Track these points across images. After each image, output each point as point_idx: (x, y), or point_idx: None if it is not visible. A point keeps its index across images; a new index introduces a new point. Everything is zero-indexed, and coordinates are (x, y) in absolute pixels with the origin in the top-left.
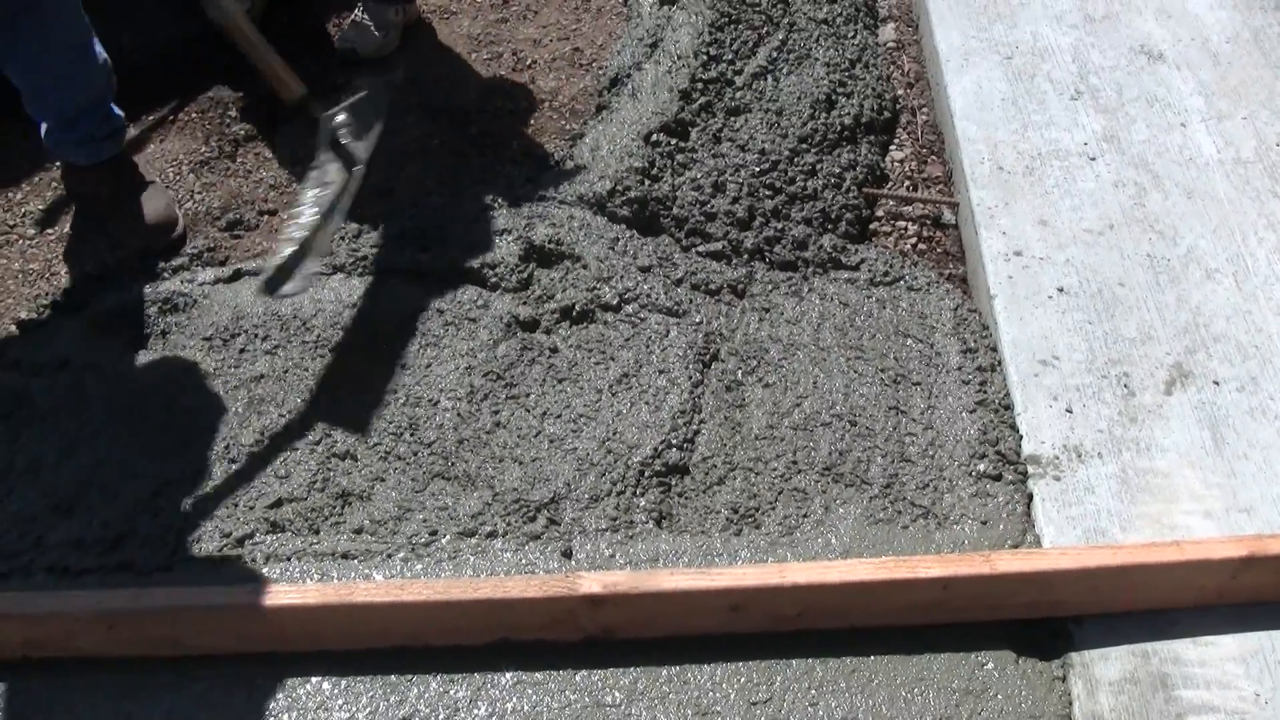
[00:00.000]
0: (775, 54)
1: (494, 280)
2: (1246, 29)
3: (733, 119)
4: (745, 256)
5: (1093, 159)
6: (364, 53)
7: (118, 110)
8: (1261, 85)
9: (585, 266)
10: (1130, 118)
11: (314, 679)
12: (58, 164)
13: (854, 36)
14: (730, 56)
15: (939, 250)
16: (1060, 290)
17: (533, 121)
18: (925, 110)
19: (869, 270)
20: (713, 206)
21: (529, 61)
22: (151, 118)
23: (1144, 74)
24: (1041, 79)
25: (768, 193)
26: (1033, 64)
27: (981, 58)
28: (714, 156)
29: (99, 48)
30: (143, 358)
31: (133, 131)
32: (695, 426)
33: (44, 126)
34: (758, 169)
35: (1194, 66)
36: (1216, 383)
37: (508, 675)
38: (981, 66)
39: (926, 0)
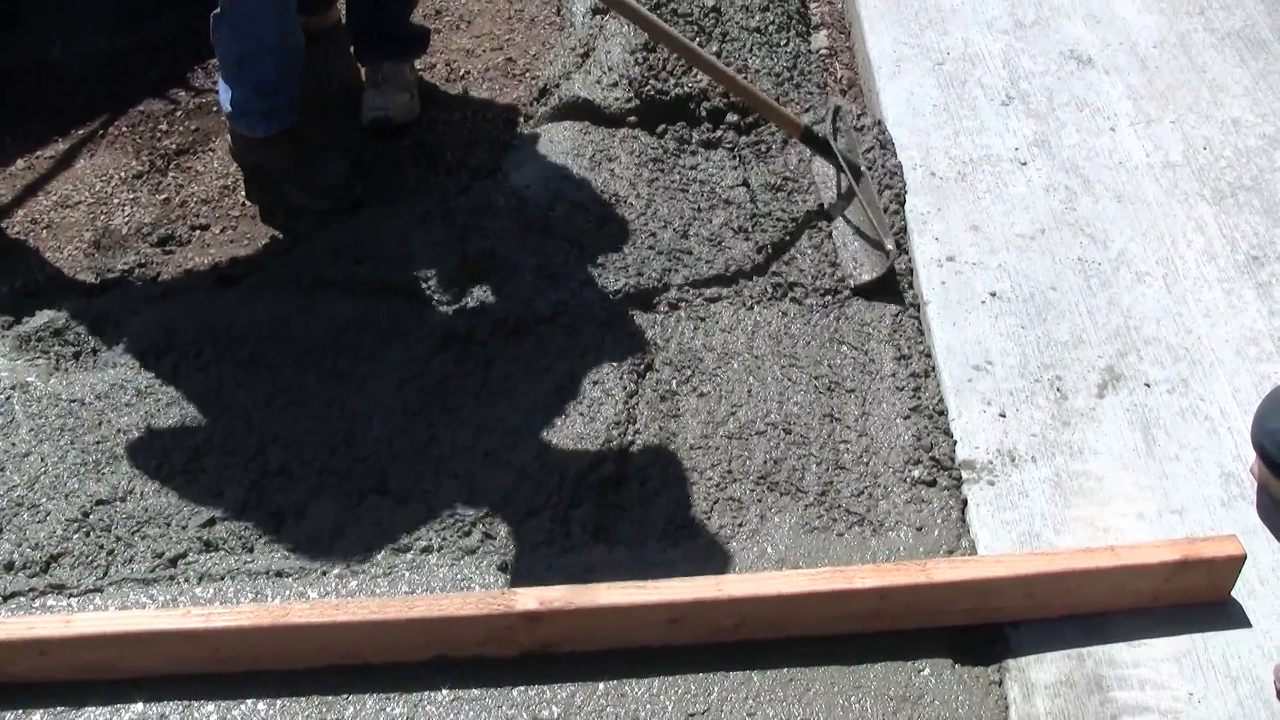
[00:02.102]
0: None
1: (428, 293)
2: (1173, 33)
3: None
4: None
5: (1024, 164)
6: (398, 119)
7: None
8: (1189, 89)
9: (519, 279)
10: (1060, 122)
11: (249, 700)
12: None
13: (787, 44)
14: (663, 66)
15: None
16: (993, 295)
17: (467, 132)
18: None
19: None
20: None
21: (462, 72)
22: (81, 131)
23: (1074, 79)
24: (973, 85)
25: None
26: (964, 70)
27: (913, 64)
28: None
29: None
30: (73, 376)
31: (61, 145)
32: (630, 437)
33: (228, 98)
34: None
35: (1123, 71)
36: (1148, 385)
37: (444, 692)
38: (913, 73)
39: (858, 7)
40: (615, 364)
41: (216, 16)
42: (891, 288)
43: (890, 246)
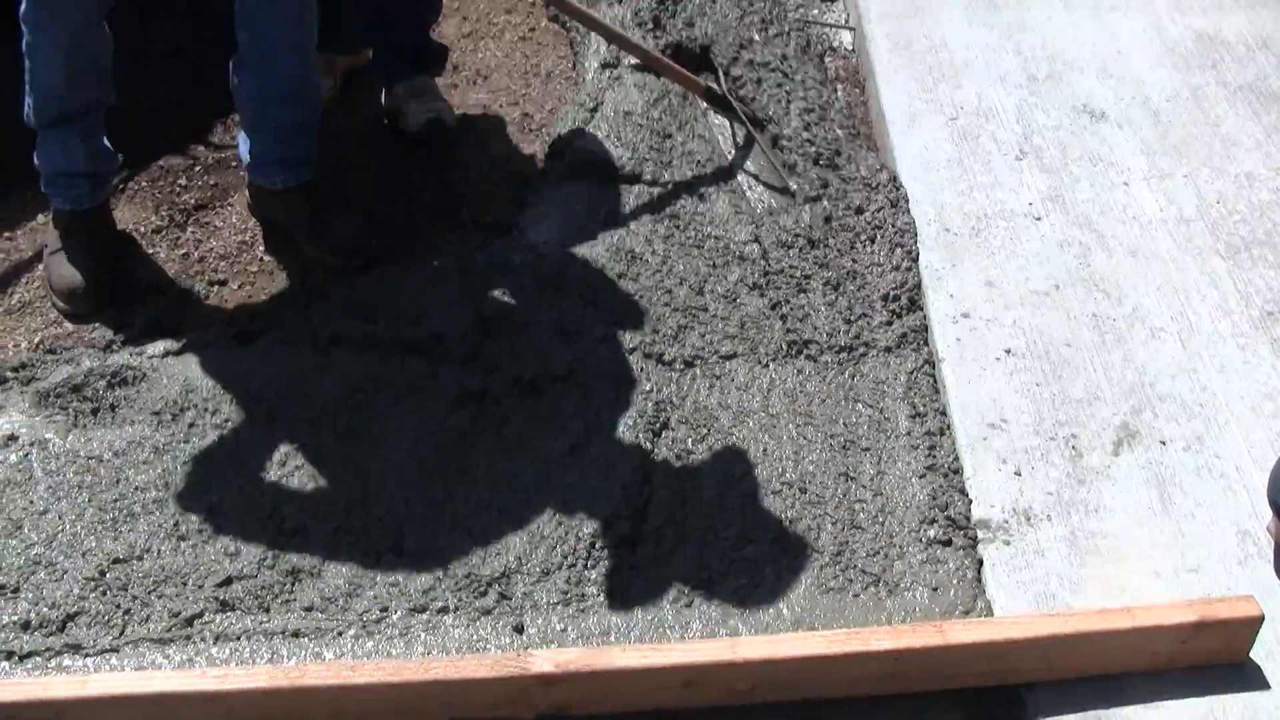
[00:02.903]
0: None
1: (443, 351)
2: (1186, 87)
3: None
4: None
5: (1038, 219)
6: (449, 121)
7: None
8: (1201, 143)
9: (535, 336)
10: (1074, 177)
11: None
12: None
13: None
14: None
15: None
16: (1008, 352)
17: (483, 188)
18: None
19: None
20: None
21: (479, 128)
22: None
23: (1087, 133)
24: (986, 139)
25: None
26: (977, 124)
27: (927, 119)
28: None
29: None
30: (91, 432)
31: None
32: (646, 497)
33: (247, 148)
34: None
35: (1136, 125)
36: (1163, 442)
37: None
38: (927, 128)
39: (872, 62)
40: (631, 422)
41: (235, 62)
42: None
43: (793, 187)
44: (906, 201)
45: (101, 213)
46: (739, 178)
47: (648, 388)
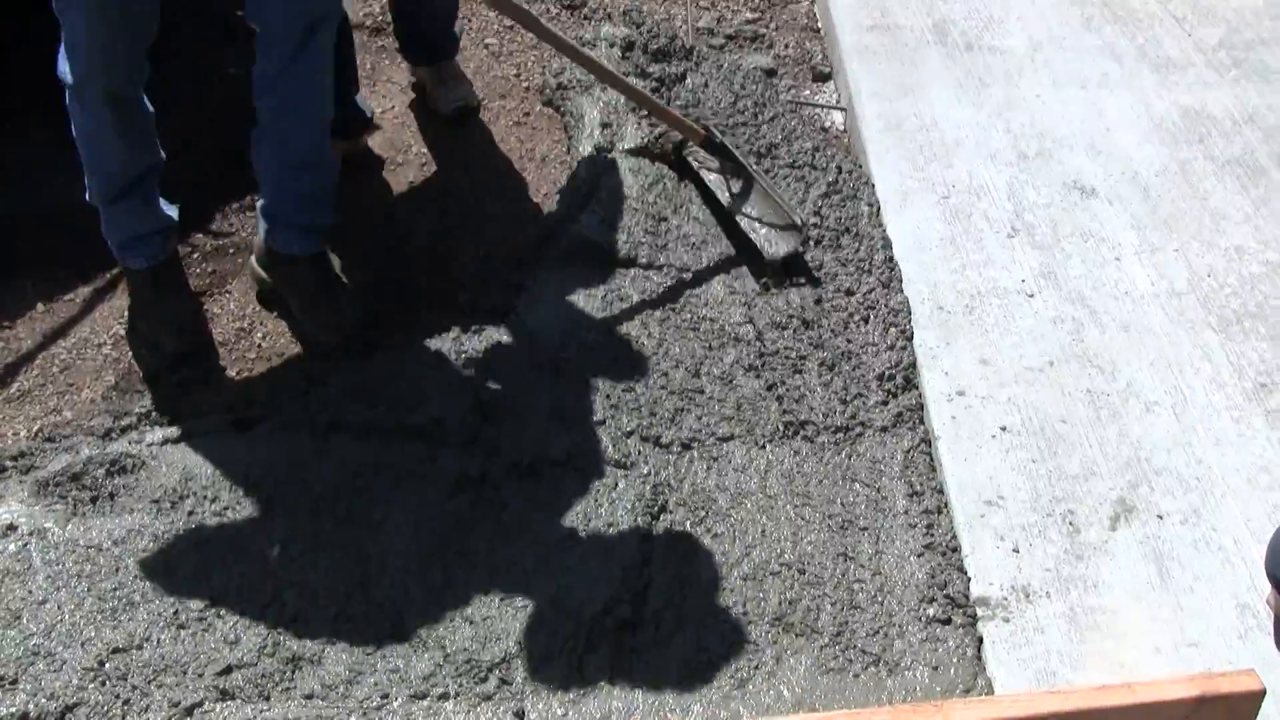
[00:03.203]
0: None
1: (442, 436)
2: (1174, 162)
3: None
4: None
5: (1031, 296)
6: (474, 104)
7: None
8: (1191, 217)
9: (533, 421)
10: (1066, 253)
11: None
12: None
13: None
14: (669, 204)
15: None
16: (1003, 429)
17: (480, 273)
18: None
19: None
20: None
21: (474, 212)
22: (103, 276)
23: (1077, 209)
24: (978, 217)
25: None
26: (969, 203)
27: (919, 197)
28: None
29: None
30: (91, 521)
31: (83, 289)
32: (645, 580)
33: (265, 221)
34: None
35: (1125, 200)
36: (1160, 516)
37: None
38: (919, 206)
39: (864, 141)
40: (629, 506)
41: (255, 132)
42: (802, 264)
43: (799, 221)
44: (900, 281)
45: (175, 263)
46: (742, 222)
47: (645, 471)
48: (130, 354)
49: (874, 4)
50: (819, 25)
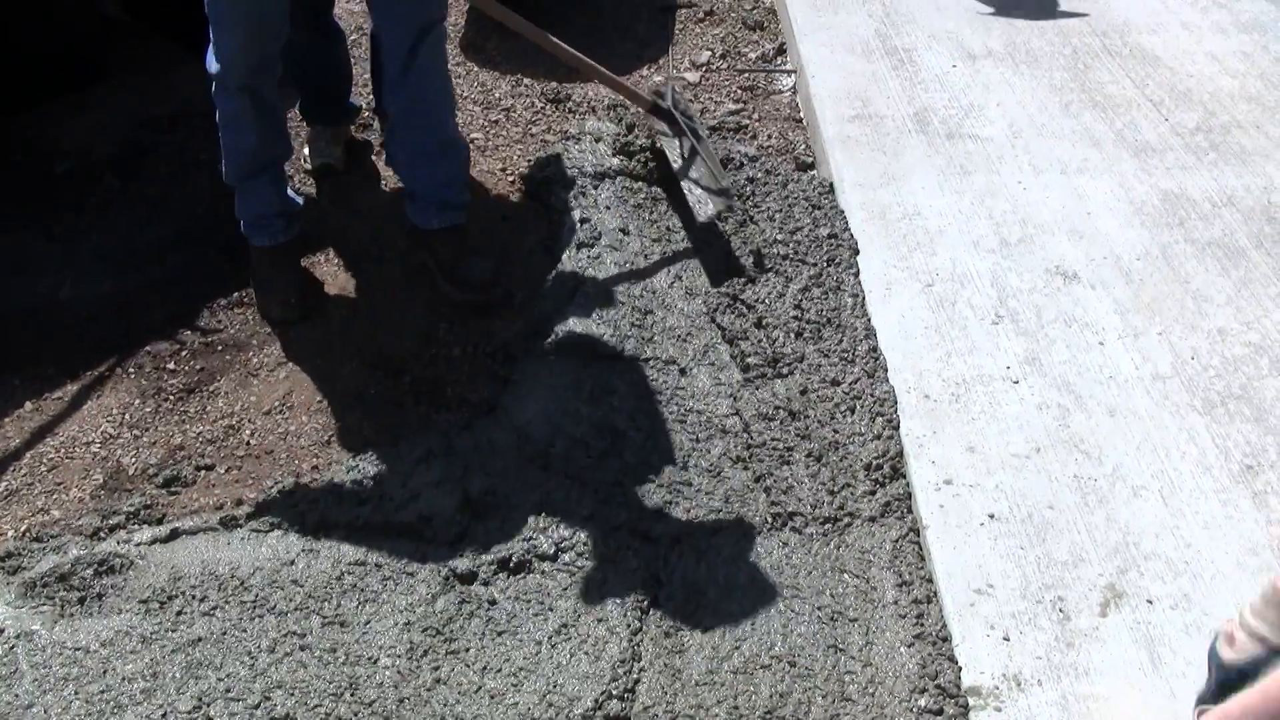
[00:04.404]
0: None
1: (431, 533)
2: (1155, 245)
3: None
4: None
5: (1016, 382)
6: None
7: None
8: (1173, 300)
9: (521, 516)
10: (1050, 339)
11: None
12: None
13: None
14: (653, 297)
15: None
16: (991, 517)
17: (467, 367)
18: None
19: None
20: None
21: (461, 307)
22: (90, 373)
23: (1061, 294)
24: (963, 305)
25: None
26: (953, 290)
27: (903, 286)
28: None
29: None
30: (78, 623)
31: (70, 387)
32: (635, 675)
33: (407, 201)
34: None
35: (1108, 285)
36: (1150, 601)
37: None
38: (904, 295)
39: (849, 231)
40: (619, 600)
41: (389, 127)
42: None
43: (727, 185)
44: (885, 370)
45: (294, 246)
46: (683, 184)
47: (635, 565)
48: (118, 452)
49: (855, 94)
50: (801, 115)
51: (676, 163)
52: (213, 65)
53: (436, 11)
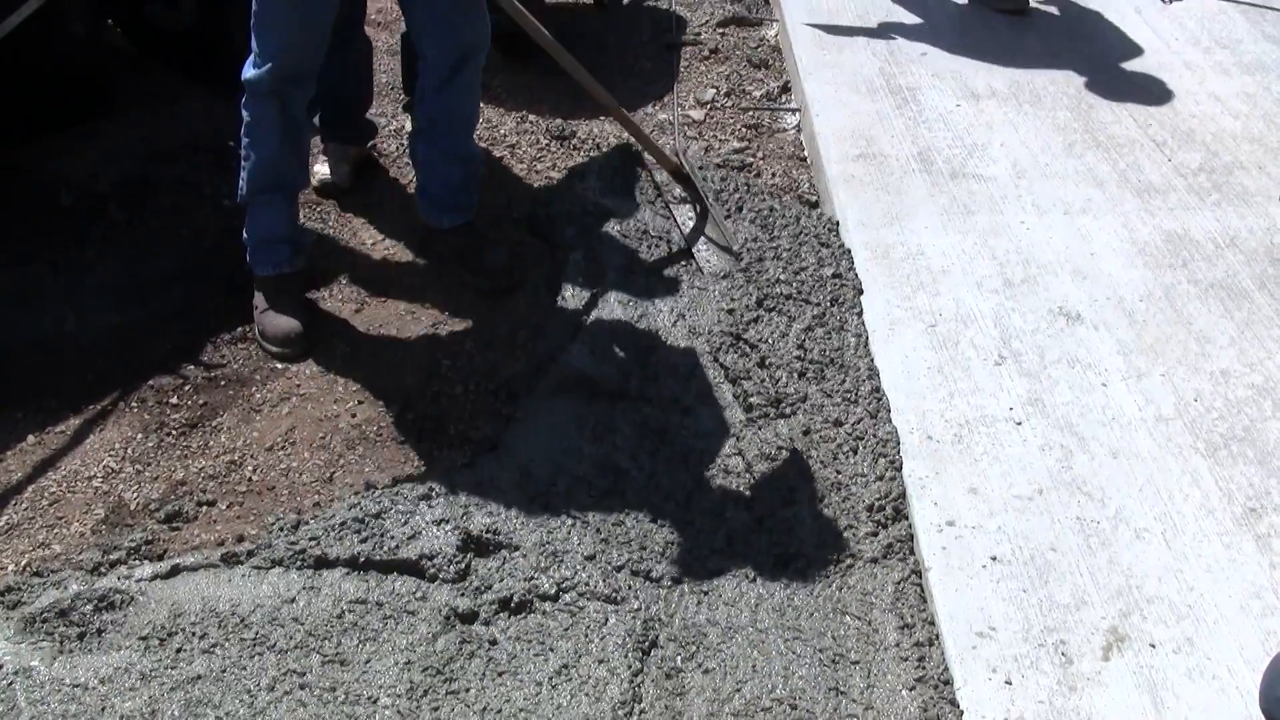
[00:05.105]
0: None
1: (432, 571)
2: (1159, 286)
3: None
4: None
5: (1019, 424)
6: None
7: None
8: (1176, 341)
9: (523, 555)
10: (1053, 380)
11: None
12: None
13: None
14: (656, 336)
15: None
16: (993, 559)
17: (469, 405)
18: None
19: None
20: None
21: (465, 344)
22: (93, 407)
23: (1064, 335)
24: (966, 345)
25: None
26: (956, 331)
27: (906, 326)
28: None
29: None
30: (77, 659)
31: (73, 421)
32: (636, 717)
33: (420, 199)
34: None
35: (1111, 326)
36: (1153, 645)
37: None
38: (906, 335)
39: (854, 269)
40: (620, 641)
41: (415, 133)
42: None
43: (736, 248)
44: (888, 411)
45: (298, 279)
46: (699, 243)
47: (636, 605)
48: (120, 487)
49: (859, 133)
50: (805, 154)
51: (687, 222)
52: (248, 71)
53: (482, 40)
